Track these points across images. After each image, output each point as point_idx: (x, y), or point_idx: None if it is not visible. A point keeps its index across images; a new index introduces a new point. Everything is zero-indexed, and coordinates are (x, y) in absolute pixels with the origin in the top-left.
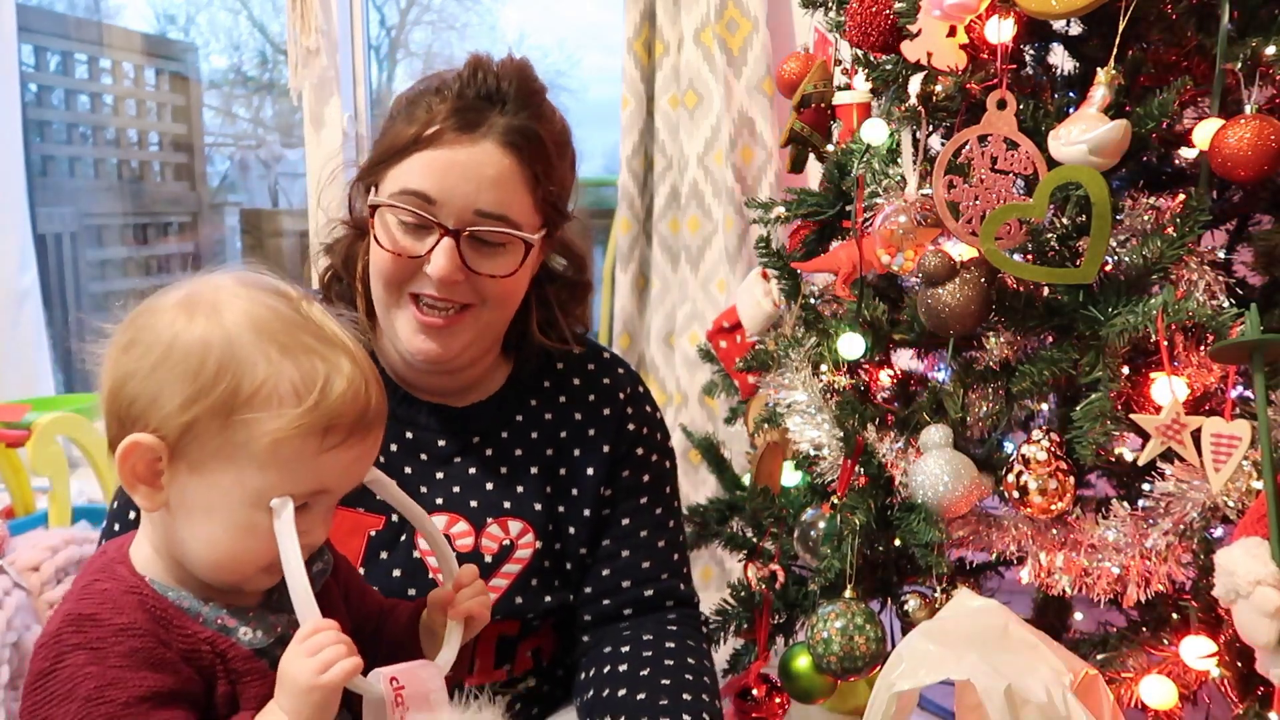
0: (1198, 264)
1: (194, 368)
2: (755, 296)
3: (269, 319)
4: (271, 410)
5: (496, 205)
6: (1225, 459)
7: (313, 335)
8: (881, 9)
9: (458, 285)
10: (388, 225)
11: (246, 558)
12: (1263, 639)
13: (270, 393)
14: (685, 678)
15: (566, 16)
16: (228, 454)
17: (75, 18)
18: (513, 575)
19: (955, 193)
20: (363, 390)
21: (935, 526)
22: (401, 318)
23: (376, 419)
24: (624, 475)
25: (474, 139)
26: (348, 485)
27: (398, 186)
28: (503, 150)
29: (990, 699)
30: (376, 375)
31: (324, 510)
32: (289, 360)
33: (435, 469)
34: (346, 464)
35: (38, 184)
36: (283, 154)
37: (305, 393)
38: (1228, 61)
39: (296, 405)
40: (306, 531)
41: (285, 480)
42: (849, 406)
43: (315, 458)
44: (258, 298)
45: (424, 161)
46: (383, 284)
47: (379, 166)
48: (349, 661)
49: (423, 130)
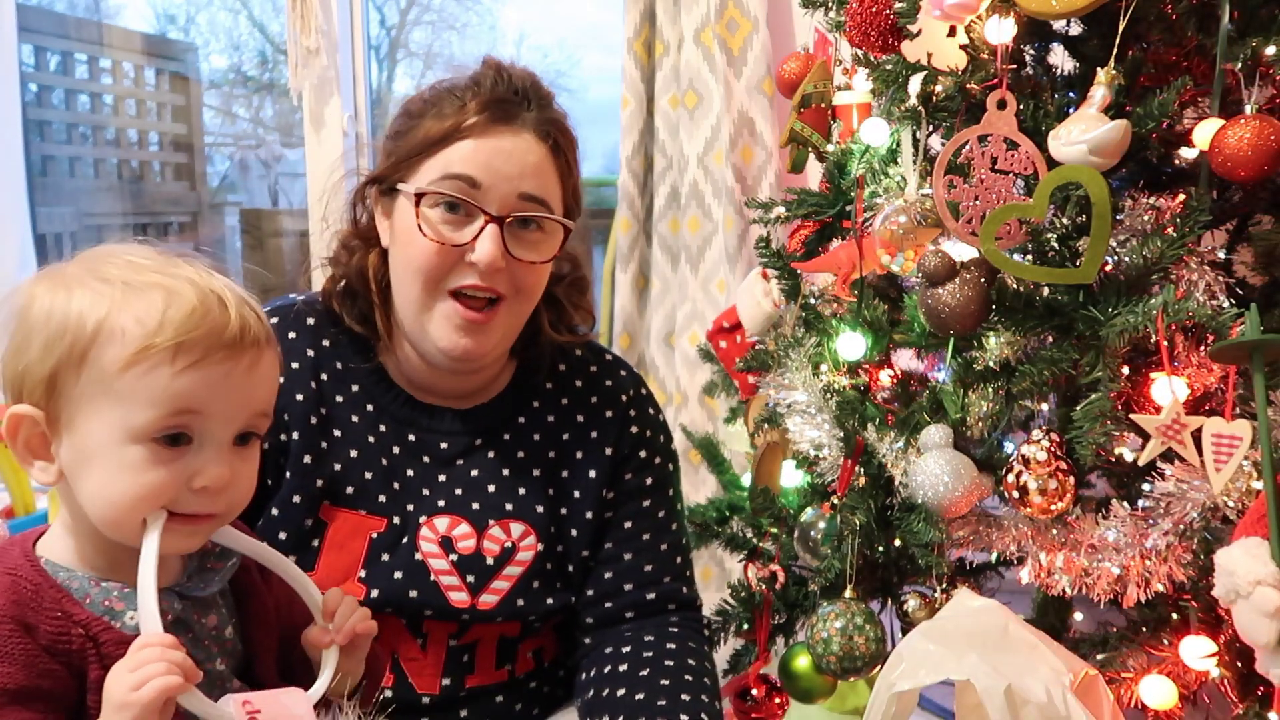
0: (1198, 264)
1: (45, 319)
2: (755, 296)
3: (115, 266)
4: (115, 344)
5: (539, 190)
6: (1225, 459)
7: (162, 273)
8: (881, 9)
9: (499, 274)
10: (428, 216)
11: (134, 497)
12: (1263, 639)
13: (113, 326)
14: (685, 679)
15: (566, 16)
16: (89, 397)
17: (75, 18)
18: (514, 577)
19: (955, 193)
20: (213, 312)
21: (935, 526)
22: (439, 314)
23: (240, 339)
24: (626, 478)
25: (514, 129)
26: (225, 409)
27: (438, 174)
28: (539, 140)
29: (990, 699)
30: (242, 302)
31: (215, 444)
32: (131, 295)
33: (438, 471)
34: (213, 383)
35: (38, 184)
36: (283, 154)
37: (147, 320)
38: (1228, 61)
39: (140, 333)
40: (200, 471)
41: (146, 406)
42: (849, 406)
43: (172, 379)
44: (108, 253)
45: (467, 148)
46: (422, 280)
47: (408, 162)
48: (161, 680)
49: (460, 120)
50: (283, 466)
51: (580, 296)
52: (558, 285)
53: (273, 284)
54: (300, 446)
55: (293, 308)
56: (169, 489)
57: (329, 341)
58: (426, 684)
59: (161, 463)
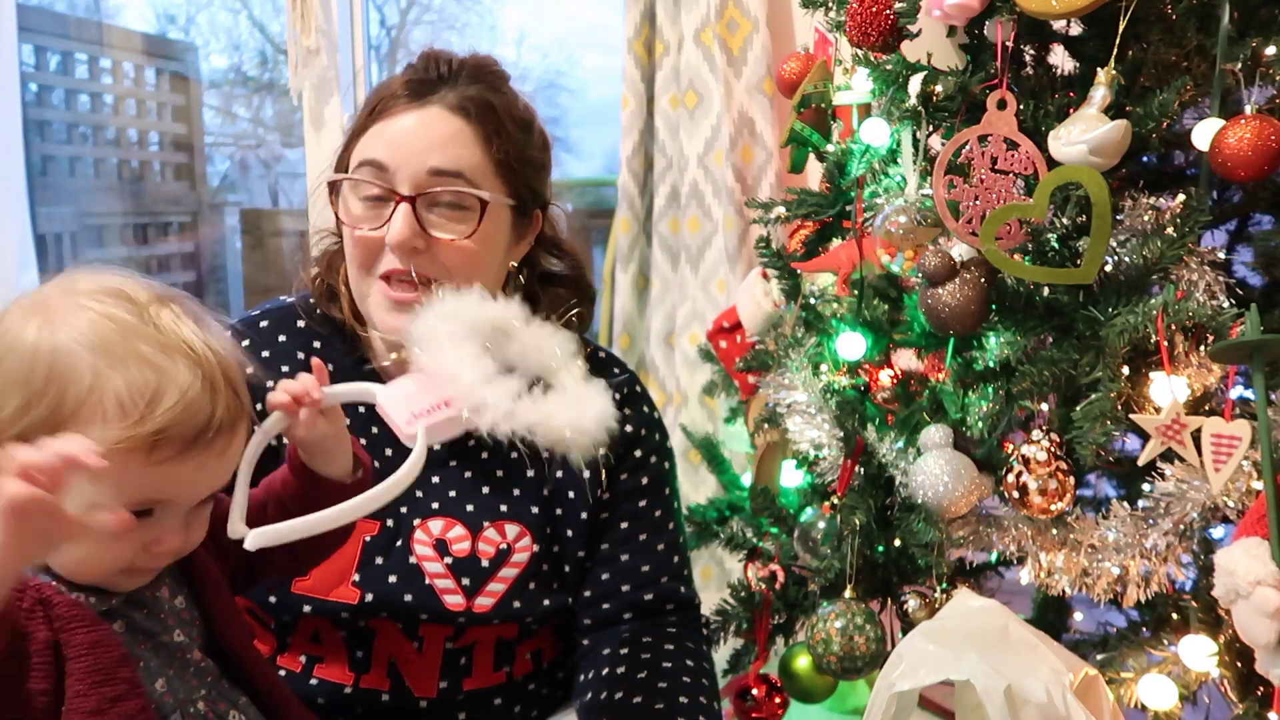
0: (1198, 264)
1: (25, 375)
2: (755, 296)
3: (106, 329)
4: (95, 424)
5: (450, 162)
6: (1225, 459)
7: (152, 344)
8: (881, 9)
9: (419, 255)
10: (349, 206)
11: (96, 562)
12: (1263, 639)
13: (95, 406)
14: (683, 680)
15: (566, 16)
16: None
17: (75, 18)
18: (510, 579)
19: (955, 193)
20: (197, 402)
21: (935, 526)
22: (373, 298)
23: (218, 430)
24: (621, 478)
25: (422, 105)
26: (192, 495)
27: (356, 162)
28: (451, 113)
29: (990, 699)
30: (227, 381)
31: (175, 518)
32: (118, 372)
33: (430, 473)
34: (185, 475)
35: (38, 184)
36: (283, 154)
37: (130, 407)
38: (1228, 61)
39: (120, 419)
40: (157, 539)
41: (113, 489)
42: (849, 406)
43: (144, 471)
44: (100, 305)
45: (375, 132)
46: (355, 267)
47: (341, 156)
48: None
49: (374, 106)
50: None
51: (573, 298)
52: (549, 284)
53: (271, 284)
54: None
55: (284, 309)
56: (125, 557)
57: (320, 343)
58: (424, 687)
59: (123, 534)
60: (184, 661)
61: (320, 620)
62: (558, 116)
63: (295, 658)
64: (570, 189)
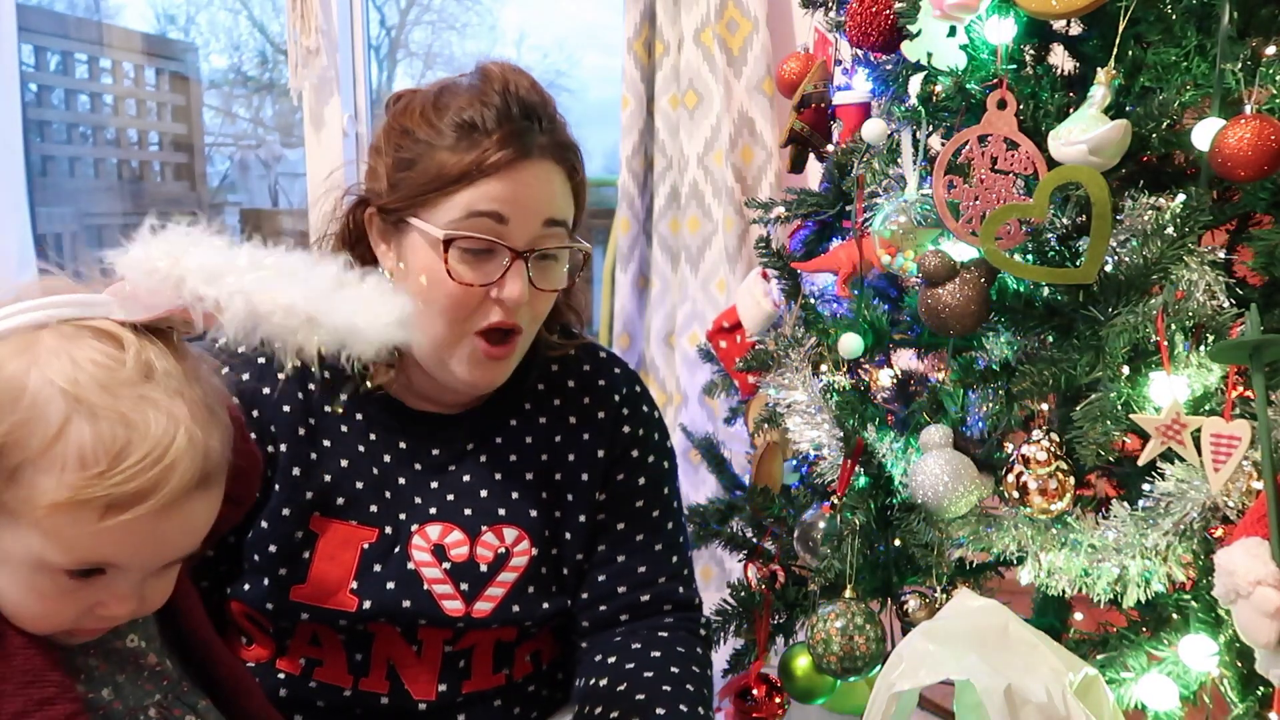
0: (1198, 264)
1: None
2: (755, 296)
3: (87, 372)
4: (53, 474)
5: (560, 214)
6: (1225, 459)
7: (132, 393)
8: (881, 9)
9: (523, 308)
10: (452, 258)
11: (34, 617)
12: (1263, 639)
13: (57, 455)
14: (663, 689)
15: (566, 16)
16: (11, 510)
17: (75, 18)
18: (509, 583)
19: (955, 193)
20: (163, 463)
21: (935, 526)
22: (463, 351)
23: (176, 499)
24: (619, 479)
25: (533, 159)
26: (146, 563)
27: (461, 212)
28: (555, 165)
29: (990, 699)
30: (204, 446)
31: (126, 584)
32: (88, 422)
33: (430, 478)
34: (139, 540)
35: (38, 184)
36: (283, 154)
37: (92, 460)
38: (1228, 61)
39: (79, 470)
40: (103, 603)
41: (60, 549)
42: (849, 406)
43: (94, 530)
44: (86, 345)
45: (493, 187)
46: (446, 320)
47: (423, 197)
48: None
49: (482, 158)
50: (271, 479)
51: (571, 297)
52: None
53: None
54: (288, 458)
55: None
56: (71, 617)
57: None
58: (423, 690)
59: (67, 593)
60: (137, 666)
61: (319, 625)
62: None
63: (294, 661)
64: None
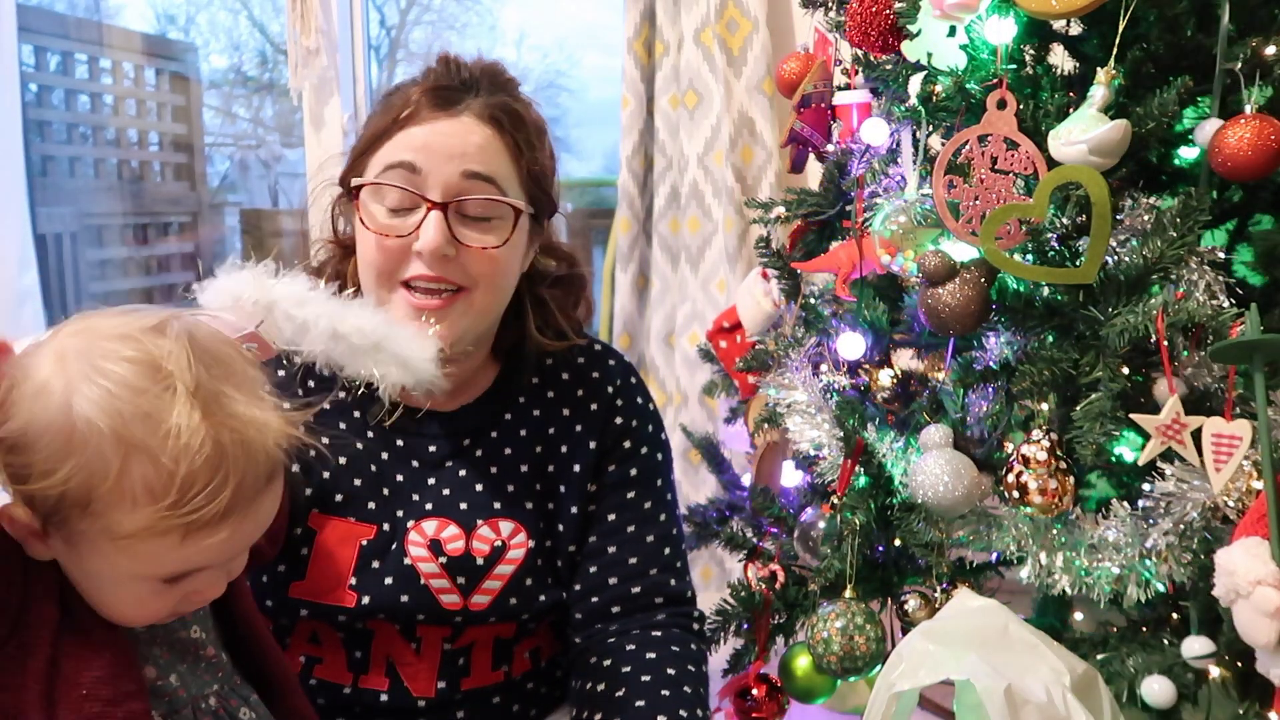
0: (1198, 264)
1: (56, 450)
2: (755, 296)
3: (127, 406)
4: (125, 509)
5: (483, 166)
6: (1225, 459)
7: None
8: (881, 9)
9: (449, 262)
10: (371, 210)
11: (133, 617)
12: (1263, 639)
13: (126, 490)
14: (661, 695)
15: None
16: (92, 539)
17: (75, 18)
18: (506, 576)
19: (955, 192)
20: (232, 485)
21: (935, 526)
22: (394, 307)
23: (244, 500)
24: (610, 470)
25: (453, 114)
26: (229, 556)
27: (380, 166)
28: (482, 122)
29: (990, 699)
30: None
31: (215, 573)
32: (144, 456)
33: (427, 474)
34: (219, 547)
35: (38, 184)
36: (283, 154)
37: (161, 493)
38: (1228, 61)
39: (151, 504)
40: (199, 591)
41: (150, 567)
42: (849, 406)
43: (179, 547)
44: (121, 376)
45: (405, 136)
46: (374, 275)
47: (358, 160)
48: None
49: (400, 112)
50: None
51: (571, 298)
52: (544, 286)
53: None
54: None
55: None
56: (168, 610)
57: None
58: (422, 687)
59: (163, 593)
60: (197, 657)
61: (318, 622)
62: (558, 116)
63: (294, 658)
64: (570, 189)
